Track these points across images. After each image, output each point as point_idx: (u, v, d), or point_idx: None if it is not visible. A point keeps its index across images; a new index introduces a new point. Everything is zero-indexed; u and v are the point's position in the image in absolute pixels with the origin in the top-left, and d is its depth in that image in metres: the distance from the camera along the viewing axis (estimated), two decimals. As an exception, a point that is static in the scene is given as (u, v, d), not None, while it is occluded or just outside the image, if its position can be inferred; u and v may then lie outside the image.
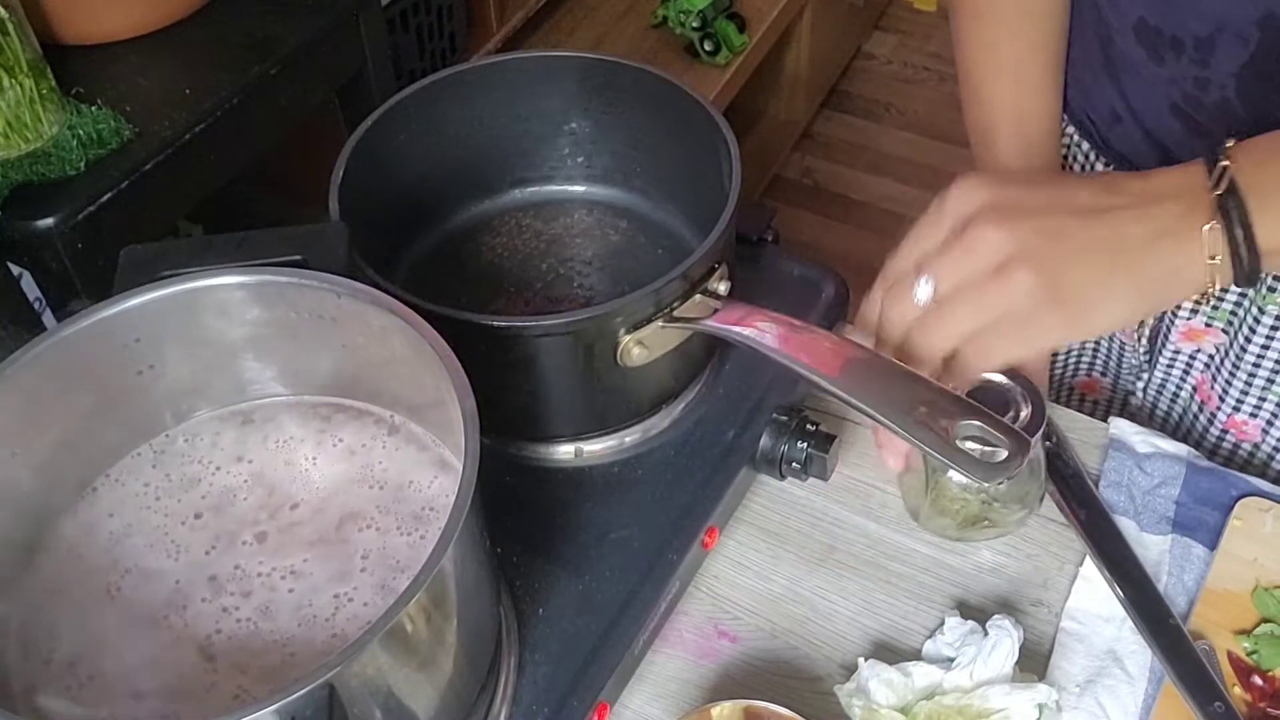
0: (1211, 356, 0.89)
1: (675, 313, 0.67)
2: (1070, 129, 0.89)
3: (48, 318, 0.90)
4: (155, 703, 0.52)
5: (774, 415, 0.76)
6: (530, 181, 0.85)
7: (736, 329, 0.67)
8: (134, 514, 0.59)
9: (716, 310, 0.68)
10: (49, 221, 0.85)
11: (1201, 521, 0.76)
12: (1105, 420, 0.83)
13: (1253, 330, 0.83)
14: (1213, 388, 0.89)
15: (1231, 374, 0.87)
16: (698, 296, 0.68)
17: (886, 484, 0.81)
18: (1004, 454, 0.59)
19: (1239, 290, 0.83)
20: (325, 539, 0.57)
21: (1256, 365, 0.85)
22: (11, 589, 0.56)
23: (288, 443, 0.62)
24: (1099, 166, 0.87)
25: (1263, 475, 0.84)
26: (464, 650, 0.55)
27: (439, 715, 0.55)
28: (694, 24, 1.90)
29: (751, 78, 2.05)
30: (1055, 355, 1.02)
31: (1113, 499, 0.78)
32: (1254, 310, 0.83)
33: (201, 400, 0.63)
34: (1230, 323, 0.86)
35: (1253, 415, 0.88)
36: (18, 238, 0.85)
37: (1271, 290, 0.81)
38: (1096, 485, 0.79)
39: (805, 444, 0.75)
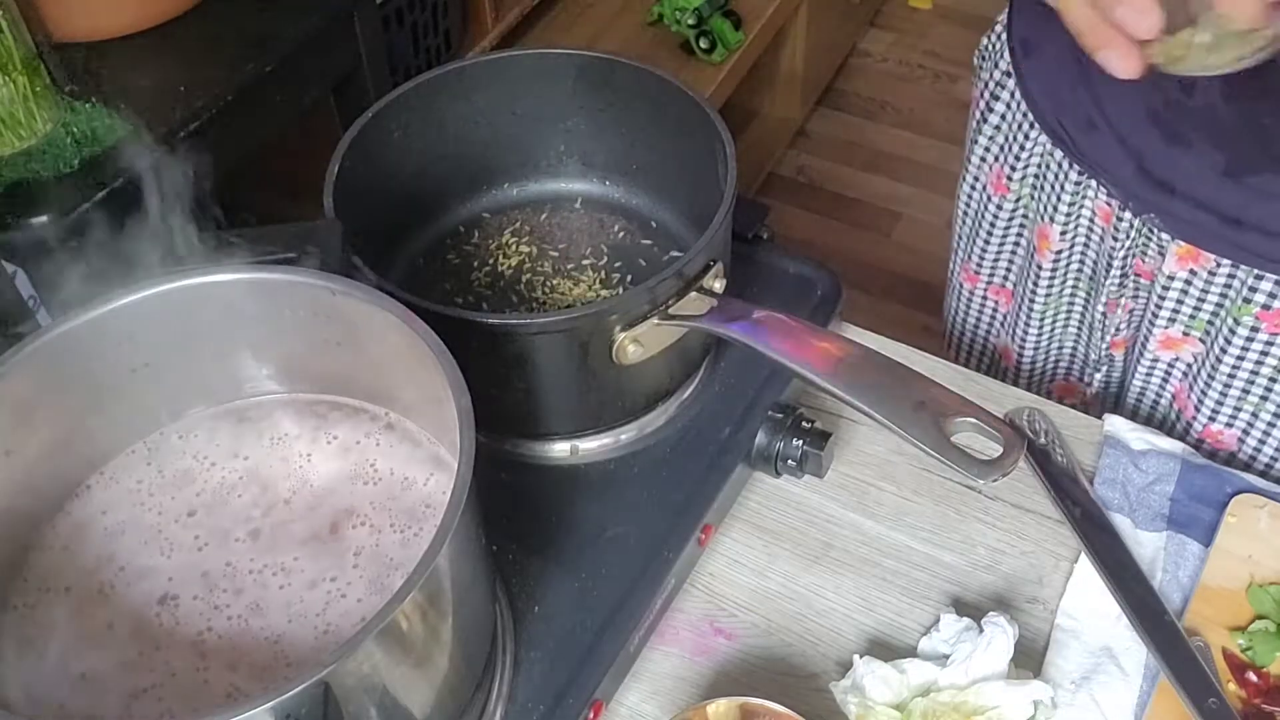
0: (1189, 366, 0.89)
1: (670, 310, 0.67)
2: (1043, 138, 0.88)
3: (42, 316, 0.90)
4: (148, 701, 0.52)
5: (769, 413, 0.76)
6: (525, 179, 0.85)
7: (731, 326, 0.67)
8: (127, 511, 0.59)
9: (712, 308, 0.68)
10: (43, 219, 0.84)
11: (1196, 518, 0.76)
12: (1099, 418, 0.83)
13: (1228, 340, 0.83)
14: (1189, 397, 0.89)
15: (1208, 384, 0.86)
16: (693, 294, 0.68)
17: (882, 481, 0.81)
18: (999, 450, 0.59)
19: (1216, 300, 0.83)
20: (318, 536, 0.57)
21: (1232, 376, 0.85)
22: (5, 587, 0.56)
23: (282, 440, 0.62)
24: (1072, 175, 0.86)
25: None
26: (459, 648, 0.55)
27: (434, 712, 0.55)
28: (690, 21, 1.90)
29: (747, 75, 2.05)
30: (1034, 363, 1.02)
31: (1108, 496, 0.78)
32: (1229, 320, 0.82)
33: (196, 398, 0.62)
34: (1207, 332, 0.85)
35: (1228, 425, 0.88)
36: (12, 235, 0.85)
37: (1246, 301, 0.81)
38: (1091, 482, 0.79)
39: (800, 441, 0.75)
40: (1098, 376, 0.97)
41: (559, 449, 0.74)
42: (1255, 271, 0.79)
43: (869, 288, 2.15)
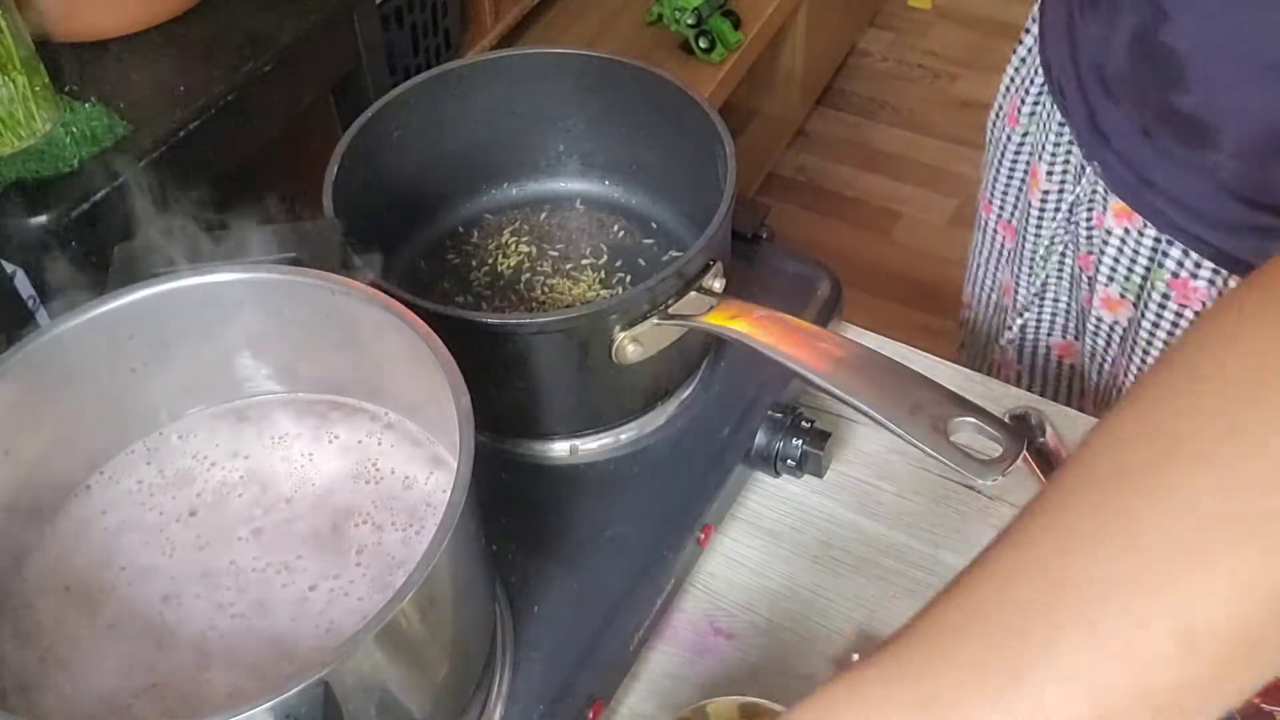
0: (1125, 330, 0.89)
1: (670, 310, 0.67)
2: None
3: (41, 315, 0.90)
4: (149, 701, 0.52)
5: (769, 412, 0.76)
6: (525, 179, 0.85)
7: (731, 326, 0.67)
8: (128, 511, 0.59)
9: (711, 307, 0.68)
10: (42, 219, 0.84)
11: (1195, 518, 0.76)
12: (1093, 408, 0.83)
13: (1147, 306, 0.83)
14: (1119, 362, 0.89)
15: (1132, 350, 0.86)
16: (693, 293, 0.68)
17: (881, 480, 0.81)
18: (998, 450, 0.59)
19: (1145, 264, 0.83)
20: (320, 535, 0.57)
21: (1149, 344, 0.84)
22: (5, 587, 0.56)
23: (283, 439, 0.62)
24: (1056, 116, 0.87)
25: None
26: (459, 647, 0.55)
27: (434, 712, 0.55)
28: (689, 21, 1.90)
29: (746, 75, 2.05)
30: (1028, 309, 1.02)
31: (1107, 495, 0.78)
32: (1150, 285, 0.82)
33: (196, 398, 0.62)
34: (1138, 296, 0.85)
35: None
36: (11, 235, 0.85)
37: (1160, 266, 0.80)
38: (1091, 482, 0.79)
39: (800, 441, 0.75)
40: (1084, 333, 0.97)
41: (558, 449, 0.75)
42: (1168, 237, 0.80)
43: (869, 287, 2.15)
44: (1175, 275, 0.80)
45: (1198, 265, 0.79)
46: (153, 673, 0.53)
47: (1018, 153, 0.97)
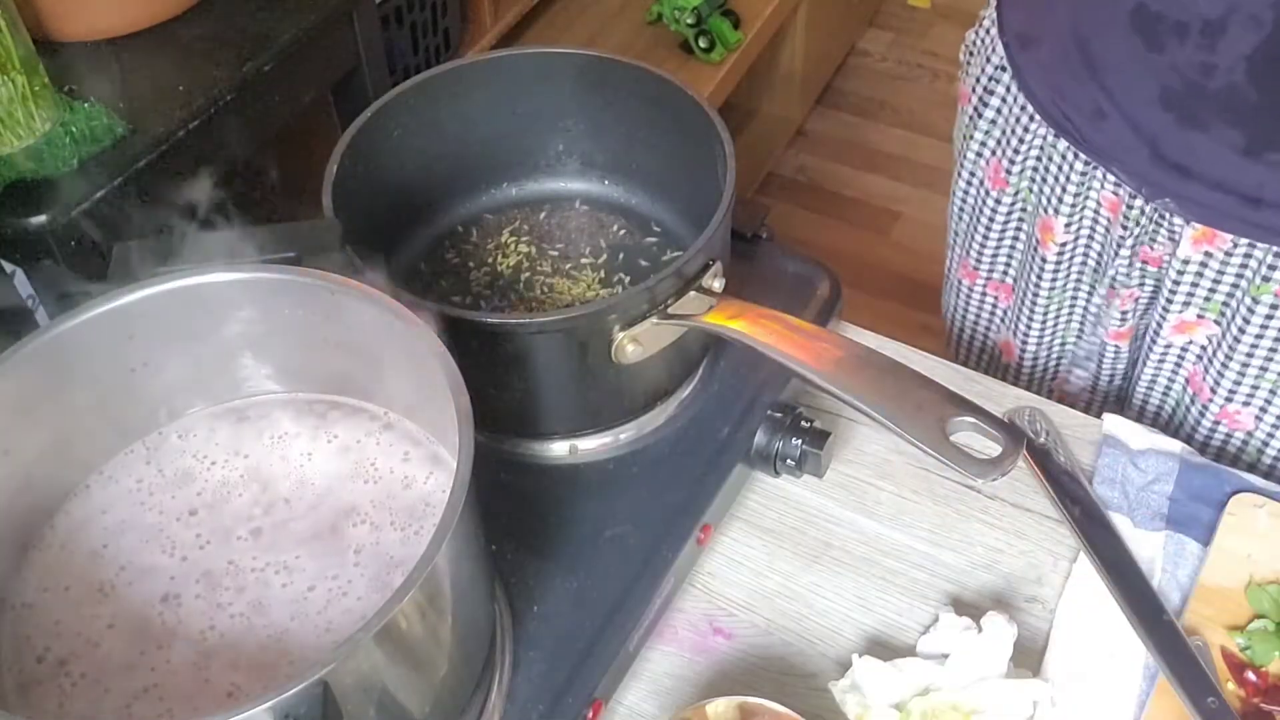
0: (1204, 348, 0.89)
1: (670, 309, 0.67)
2: (1042, 129, 0.88)
3: (41, 315, 0.90)
4: (148, 700, 0.52)
5: (768, 412, 0.76)
6: (525, 178, 0.85)
7: (730, 326, 0.67)
8: (127, 511, 0.59)
9: (711, 307, 0.68)
10: (42, 219, 0.84)
11: (1195, 517, 0.76)
12: (1099, 416, 0.83)
13: (1246, 320, 0.84)
14: (1205, 379, 0.89)
15: (1225, 364, 0.87)
16: (692, 293, 0.68)
17: (881, 480, 0.81)
18: (998, 449, 0.59)
19: (1232, 280, 0.83)
20: (319, 535, 0.57)
21: (1250, 354, 0.85)
22: (4, 587, 0.56)
23: (282, 439, 0.62)
24: (1078, 166, 0.87)
25: (1255, 465, 0.84)
26: (459, 647, 0.55)
27: (434, 711, 0.55)
28: (689, 21, 1.90)
29: (746, 75, 2.05)
30: (1036, 359, 1.02)
31: (1106, 495, 0.78)
32: (1247, 300, 0.83)
33: (195, 397, 0.62)
34: (1223, 313, 0.86)
35: (1245, 404, 0.88)
36: (10, 235, 0.85)
37: (1265, 280, 0.81)
38: (1090, 482, 0.79)
39: (800, 441, 0.75)
40: (1103, 371, 0.98)
41: (558, 448, 0.74)
42: (1274, 249, 0.80)
43: (868, 287, 2.15)
44: None
45: None
46: (152, 673, 0.53)
47: (1009, 214, 0.97)
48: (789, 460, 0.75)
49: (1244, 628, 0.70)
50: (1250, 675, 0.68)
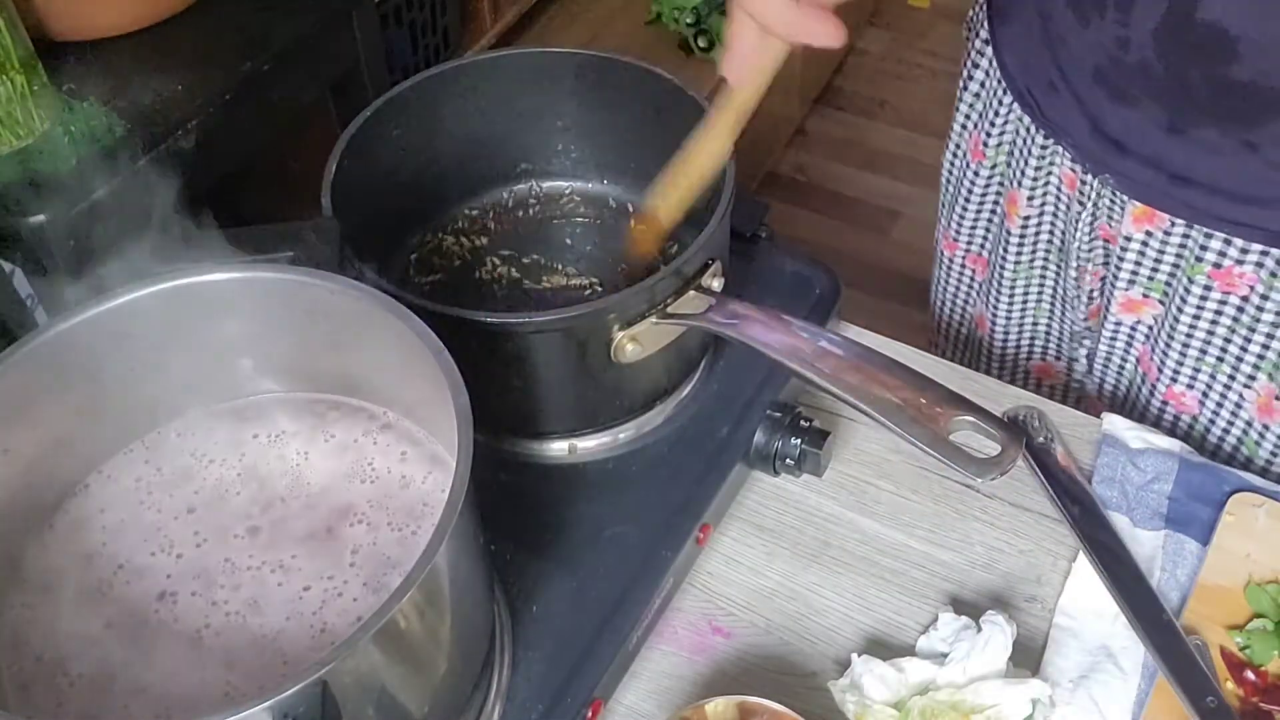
0: (1150, 328, 0.89)
1: (669, 309, 0.67)
2: (1012, 101, 0.89)
3: (39, 314, 0.90)
4: (147, 700, 0.52)
5: (768, 411, 0.76)
6: (524, 177, 0.85)
7: (730, 325, 0.67)
8: (126, 510, 0.59)
9: (710, 306, 0.68)
10: (40, 218, 0.84)
11: (1194, 517, 0.76)
12: (1076, 404, 0.83)
13: (1184, 300, 0.83)
14: (1152, 359, 0.89)
15: (1168, 345, 0.87)
16: (691, 292, 0.68)
17: (880, 479, 0.81)
18: (997, 449, 0.59)
19: (1172, 260, 0.83)
20: (315, 535, 0.57)
21: (1189, 335, 0.85)
22: (4, 586, 0.56)
23: (280, 438, 0.62)
24: (1038, 140, 0.87)
25: (1200, 449, 0.84)
26: (457, 647, 0.55)
27: (433, 711, 0.55)
28: (688, 20, 1.90)
29: (745, 74, 2.05)
30: (1007, 337, 1.02)
31: (1106, 495, 0.78)
32: (1184, 280, 0.83)
33: (194, 396, 0.62)
34: (1165, 293, 0.86)
35: (1189, 387, 0.88)
36: (9, 234, 0.85)
37: (1199, 260, 0.81)
38: (1089, 481, 0.79)
39: (799, 440, 0.75)
40: (1082, 352, 0.97)
41: (557, 448, 0.74)
42: (1205, 230, 0.80)
43: (867, 286, 2.15)
44: (1218, 266, 0.80)
45: (1244, 251, 0.79)
46: (151, 672, 0.53)
47: (986, 186, 0.97)
48: (788, 460, 0.75)
49: (1243, 627, 0.70)
50: (1249, 675, 0.68)
